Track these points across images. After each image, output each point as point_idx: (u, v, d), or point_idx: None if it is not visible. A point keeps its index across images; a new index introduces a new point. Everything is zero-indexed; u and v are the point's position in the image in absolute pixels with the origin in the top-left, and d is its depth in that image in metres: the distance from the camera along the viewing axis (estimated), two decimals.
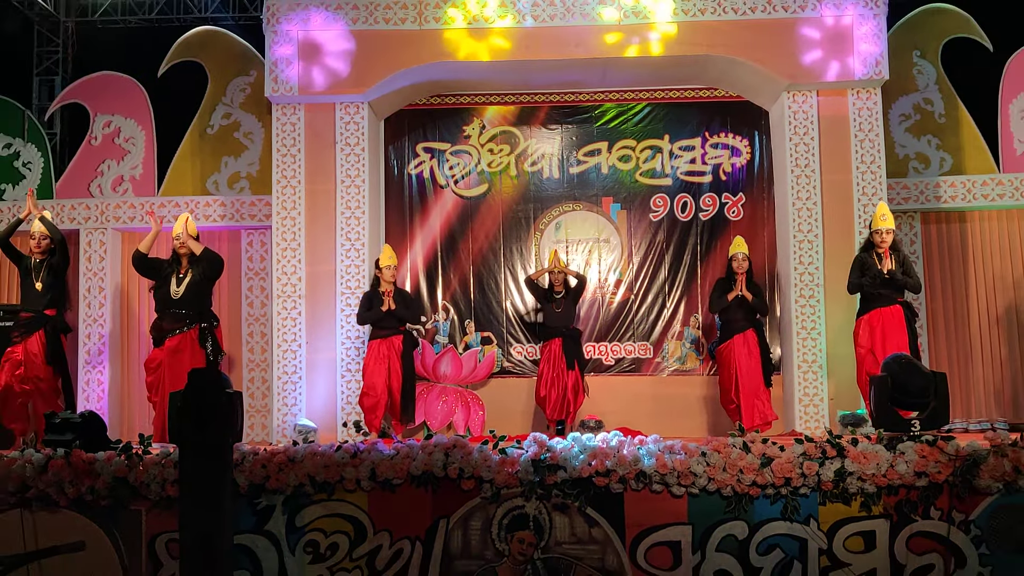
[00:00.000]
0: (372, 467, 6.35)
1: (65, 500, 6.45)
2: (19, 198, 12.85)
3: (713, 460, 6.27)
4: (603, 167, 12.85)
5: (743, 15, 11.71)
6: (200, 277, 9.75)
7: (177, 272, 9.86)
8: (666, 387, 12.47)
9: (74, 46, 15.10)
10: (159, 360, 9.56)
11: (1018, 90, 12.65)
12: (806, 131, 11.83)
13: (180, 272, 9.85)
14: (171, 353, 9.46)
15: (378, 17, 11.85)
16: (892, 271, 9.86)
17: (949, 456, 6.19)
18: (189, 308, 9.68)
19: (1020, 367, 12.35)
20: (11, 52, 14.75)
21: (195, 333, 9.59)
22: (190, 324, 9.59)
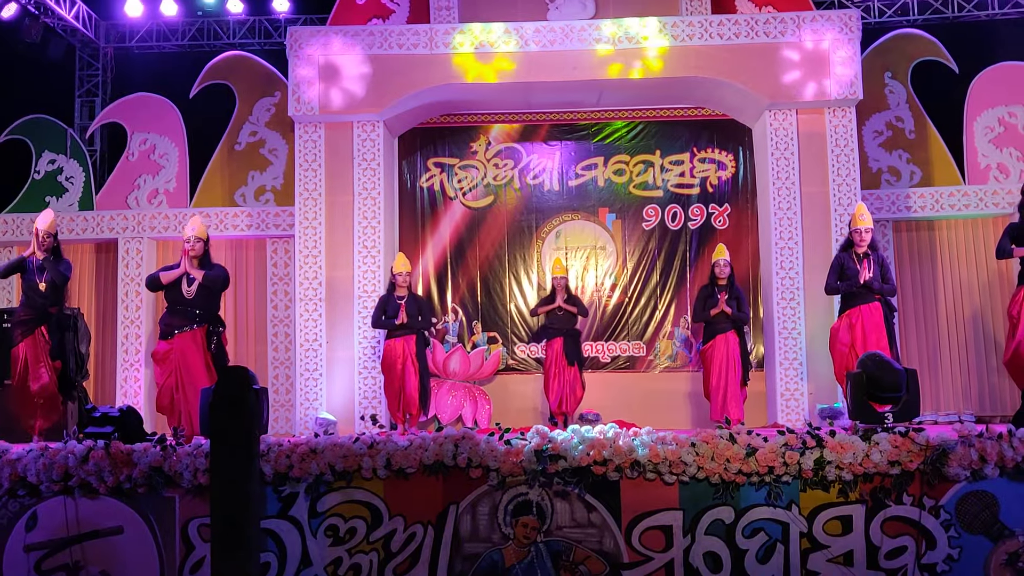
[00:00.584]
0: (388, 457, 6.33)
1: (105, 488, 6.43)
2: (62, 210, 12.85)
3: (702, 450, 6.25)
4: (599, 180, 12.86)
5: (728, 40, 11.71)
6: (208, 284, 9.52)
7: (187, 273, 9.48)
8: (658, 383, 12.48)
9: (113, 70, 15.08)
10: (166, 350, 9.27)
11: (981, 108, 12.65)
12: (786, 147, 11.82)
13: (191, 273, 9.47)
14: (179, 348, 9.23)
15: (392, 43, 11.85)
16: (869, 281, 9.79)
17: (920, 446, 6.17)
18: (199, 308, 9.37)
19: (985, 364, 12.35)
20: (55, 76, 14.74)
21: (202, 333, 9.43)
22: (199, 323, 9.34)
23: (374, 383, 11.48)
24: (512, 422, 8.75)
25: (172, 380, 9.16)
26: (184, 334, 9.27)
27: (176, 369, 9.15)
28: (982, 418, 11.50)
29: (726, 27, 11.76)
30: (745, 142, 12.71)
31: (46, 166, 13.14)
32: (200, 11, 14.78)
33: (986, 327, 12.41)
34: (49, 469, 6.46)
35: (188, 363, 9.12)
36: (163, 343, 9.34)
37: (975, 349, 12.38)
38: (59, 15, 13.91)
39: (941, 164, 12.62)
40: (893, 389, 7.61)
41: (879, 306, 9.89)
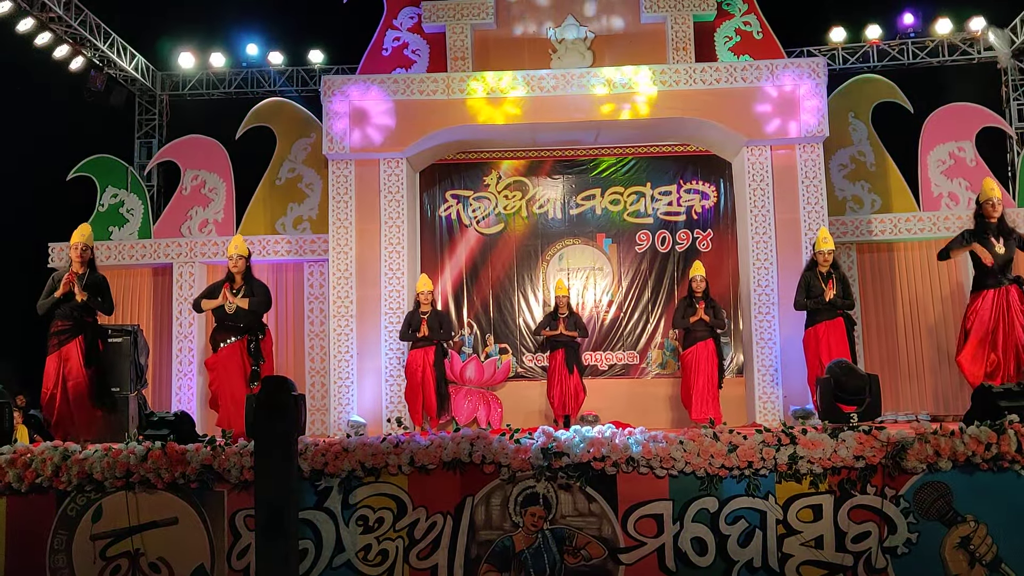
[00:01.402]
0: (411, 455, 6.33)
1: (161, 483, 6.44)
2: (123, 238, 12.91)
3: (689, 447, 6.24)
4: (597, 209, 12.87)
5: (710, 85, 11.73)
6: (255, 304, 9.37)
7: (232, 288, 9.38)
8: (650, 387, 12.47)
9: (168, 114, 15.18)
10: (213, 363, 9.34)
11: (934, 144, 12.65)
12: (762, 179, 11.83)
13: (234, 289, 9.37)
14: (224, 359, 9.24)
15: (414, 89, 11.89)
16: (833, 299, 9.84)
17: (882, 443, 6.15)
18: (241, 322, 9.30)
19: (939, 369, 12.33)
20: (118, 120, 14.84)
21: (244, 342, 9.30)
22: (240, 335, 9.28)
23: (399, 389, 11.48)
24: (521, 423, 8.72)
25: (217, 387, 9.26)
26: (228, 347, 9.27)
27: (222, 378, 9.20)
28: (937, 417, 11.45)
29: (708, 73, 11.78)
30: (726, 175, 12.72)
31: (109, 200, 13.19)
32: (245, 62, 14.88)
33: (939, 336, 12.38)
34: (113, 467, 6.47)
35: (229, 374, 9.14)
36: (212, 357, 9.39)
37: (930, 356, 12.35)
38: (121, 67, 14.01)
39: (899, 193, 12.62)
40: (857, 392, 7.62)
41: (842, 321, 9.92)
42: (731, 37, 12.53)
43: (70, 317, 8.74)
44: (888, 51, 14.44)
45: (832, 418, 7.22)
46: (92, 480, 6.51)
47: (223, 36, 14.99)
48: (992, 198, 9.02)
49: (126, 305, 12.92)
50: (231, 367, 9.17)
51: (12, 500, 6.56)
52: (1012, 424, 6.20)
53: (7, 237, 14.82)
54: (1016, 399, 6.58)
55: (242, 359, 9.27)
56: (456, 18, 12.44)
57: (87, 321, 8.86)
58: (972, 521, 6.10)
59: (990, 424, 6.22)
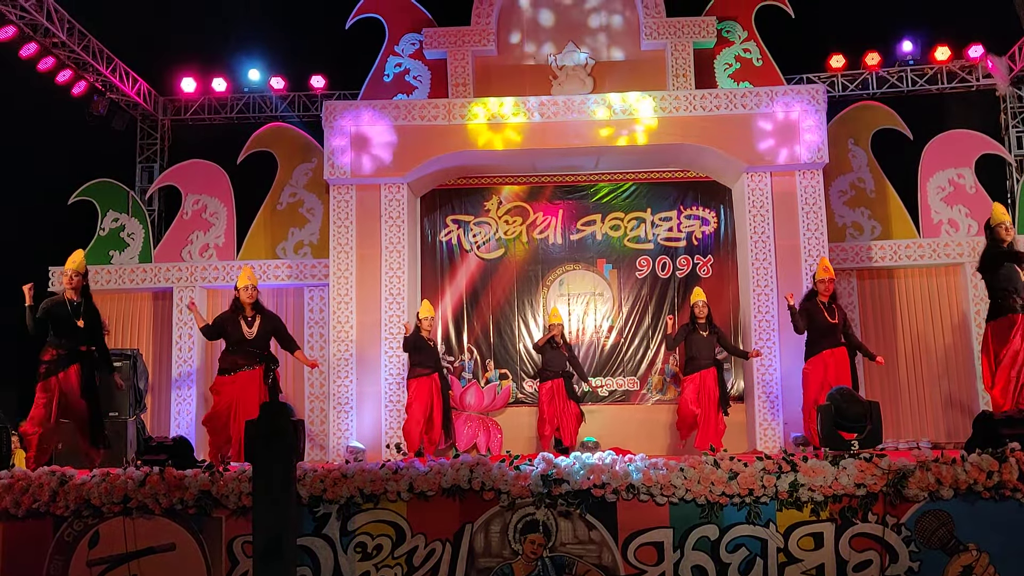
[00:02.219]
0: (410, 481, 6.31)
1: (159, 509, 6.41)
2: (124, 262, 12.92)
3: (690, 474, 6.21)
4: (598, 234, 12.87)
5: (710, 112, 11.76)
6: (269, 326, 9.46)
7: (244, 316, 9.36)
8: (650, 414, 12.42)
9: (170, 139, 15.17)
10: (226, 385, 9.17)
11: (934, 170, 12.69)
12: (762, 205, 11.83)
13: (248, 316, 9.36)
14: (243, 382, 9.13)
15: (415, 115, 11.92)
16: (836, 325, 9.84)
17: (883, 470, 6.13)
18: (260, 348, 9.31)
19: (939, 396, 12.31)
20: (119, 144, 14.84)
21: (262, 370, 9.34)
22: (259, 362, 9.26)
23: (399, 415, 11.44)
24: (521, 449, 8.74)
25: (227, 409, 9.05)
26: (245, 372, 9.18)
27: (234, 402, 9.03)
28: (938, 445, 11.43)
29: (708, 100, 11.82)
30: (726, 200, 12.72)
31: (110, 224, 13.21)
32: (246, 88, 14.89)
33: (939, 363, 12.37)
34: (110, 492, 6.44)
35: (247, 397, 8.98)
36: (224, 378, 9.21)
37: (930, 383, 12.33)
38: (123, 91, 14.03)
39: (899, 220, 12.64)
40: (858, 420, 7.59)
41: (844, 349, 9.87)
42: (731, 64, 12.58)
43: (69, 345, 8.52)
44: (887, 78, 14.47)
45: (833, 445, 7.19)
46: (89, 505, 6.48)
47: (225, 61, 15.02)
48: (1004, 222, 8.91)
49: (126, 329, 12.92)
50: (249, 392, 9.05)
51: (9, 525, 6.53)
52: (1014, 452, 6.18)
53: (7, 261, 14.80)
54: (1018, 427, 6.57)
55: (259, 388, 9.19)
56: (457, 45, 12.49)
57: (82, 351, 8.60)
58: (974, 550, 6.07)
59: (992, 452, 6.20)
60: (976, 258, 11.84)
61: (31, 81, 12.88)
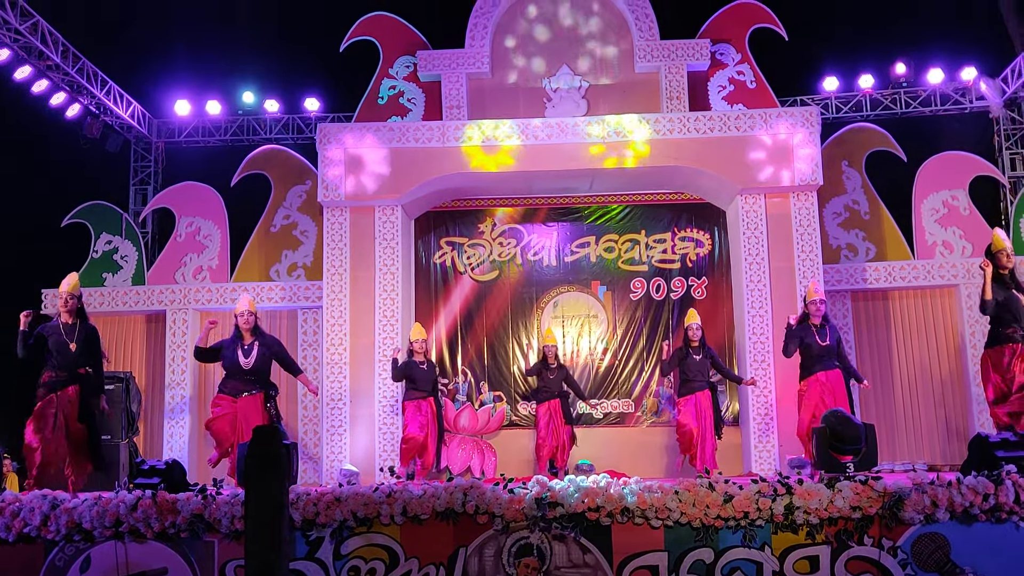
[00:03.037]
0: (404, 505, 6.29)
1: (151, 533, 6.39)
2: (117, 285, 12.92)
3: (685, 497, 6.21)
4: (592, 256, 12.87)
5: (704, 134, 11.79)
6: (268, 354, 9.40)
7: (241, 344, 9.35)
8: (645, 436, 12.39)
9: (163, 162, 15.20)
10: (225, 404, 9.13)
11: (928, 192, 12.72)
12: (756, 227, 11.85)
13: (244, 344, 9.34)
14: (242, 409, 9.09)
15: (409, 137, 11.94)
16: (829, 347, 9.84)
17: (878, 493, 6.12)
18: (258, 376, 9.28)
19: (935, 417, 12.30)
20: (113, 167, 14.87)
21: (262, 397, 9.32)
22: (259, 389, 9.23)
23: (393, 438, 11.42)
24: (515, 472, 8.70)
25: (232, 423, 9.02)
26: (247, 398, 9.17)
27: (235, 418, 9.02)
28: (934, 467, 11.44)
29: (702, 122, 11.85)
30: (720, 223, 12.74)
31: (103, 246, 13.20)
32: (240, 110, 14.94)
33: (935, 385, 12.37)
34: (102, 516, 6.42)
35: (249, 420, 8.91)
36: (225, 397, 9.20)
37: (926, 405, 12.33)
38: (117, 114, 14.07)
39: (893, 242, 12.66)
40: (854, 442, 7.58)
41: (839, 371, 9.87)
42: (724, 86, 12.64)
43: (64, 368, 8.49)
44: (881, 100, 14.55)
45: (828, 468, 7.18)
46: (81, 529, 6.46)
47: (219, 84, 15.08)
48: (1005, 248, 8.95)
49: (118, 352, 12.89)
50: (251, 416, 9.00)
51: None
52: (1010, 475, 6.18)
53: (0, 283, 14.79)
54: (1013, 449, 6.56)
55: (261, 411, 9.18)
56: (452, 67, 12.53)
57: (80, 374, 8.57)
58: (970, 573, 6.06)
59: (988, 474, 6.20)
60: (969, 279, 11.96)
61: (25, 104, 12.90)
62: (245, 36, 16.57)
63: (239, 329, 9.41)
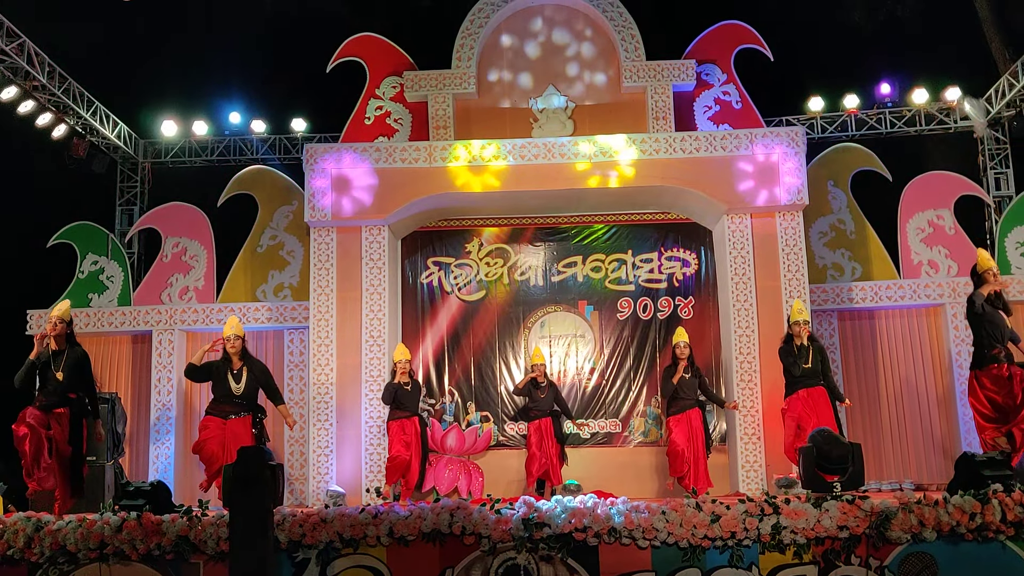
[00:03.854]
0: (390, 526, 6.27)
1: (136, 555, 6.35)
2: (103, 305, 12.89)
3: (672, 518, 6.20)
4: (579, 276, 12.87)
5: (690, 154, 11.83)
6: (256, 379, 9.48)
7: (231, 368, 9.43)
8: (633, 456, 12.37)
9: (150, 182, 15.17)
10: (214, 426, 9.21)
11: (913, 212, 12.78)
12: (743, 246, 11.88)
13: (234, 368, 9.43)
14: (231, 431, 9.16)
15: (396, 157, 11.95)
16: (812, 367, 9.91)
17: (865, 512, 6.12)
18: (247, 400, 9.40)
19: (922, 436, 12.33)
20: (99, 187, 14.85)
21: (250, 419, 9.36)
22: (247, 412, 9.35)
23: (379, 459, 11.39)
24: (502, 493, 8.70)
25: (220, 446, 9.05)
26: (235, 419, 9.27)
27: (226, 442, 9.05)
28: (920, 486, 11.43)
29: (688, 142, 11.89)
30: (706, 242, 12.76)
31: (89, 266, 13.17)
32: (227, 131, 14.94)
33: (921, 404, 12.40)
34: (86, 538, 6.38)
35: (238, 442, 8.88)
36: (215, 418, 9.28)
37: (912, 424, 12.35)
38: (103, 134, 14.05)
39: (879, 261, 12.71)
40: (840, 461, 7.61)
41: (823, 389, 9.92)
42: (711, 106, 12.69)
43: (53, 394, 8.48)
44: (866, 120, 14.63)
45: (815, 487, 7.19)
46: (65, 552, 6.42)
47: (206, 104, 15.09)
48: (991, 268, 8.99)
49: (104, 373, 12.84)
50: (241, 438, 9.04)
51: None
52: (996, 494, 6.19)
53: None
54: (1000, 468, 6.57)
55: (249, 435, 9.26)
56: (438, 88, 12.56)
57: (70, 398, 8.58)
58: None
59: (974, 494, 6.20)
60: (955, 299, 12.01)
61: (11, 124, 12.88)
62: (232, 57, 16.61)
63: (227, 353, 9.41)
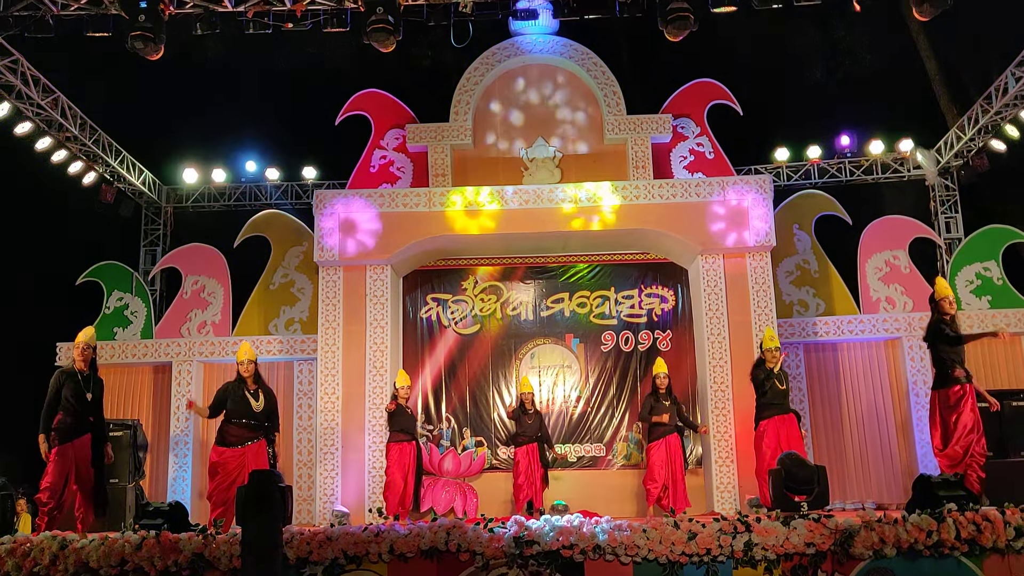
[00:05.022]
0: (391, 543, 6.21)
1: (155, 572, 6.26)
2: (127, 338, 12.84)
3: (652, 535, 6.15)
4: (566, 311, 12.86)
5: (667, 200, 11.87)
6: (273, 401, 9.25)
7: (247, 389, 9.08)
8: (616, 479, 12.30)
9: (172, 224, 15.14)
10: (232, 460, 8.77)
11: (871, 252, 12.81)
12: (716, 284, 11.89)
13: (250, 389, 9.09)
14: (253, 454, 8.80)
15: (398, 202, 11.96)
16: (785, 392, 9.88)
17: (830, 530, 6.08)
18: (265, 421, 9.04)
19: (883, 459, 12.28)
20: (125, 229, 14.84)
21: (264, 444, 9.01)
22: (264, 434, 9.00)
23: (382, 481, 11.30)
24: (495, 513, 8.63)
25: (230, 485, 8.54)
26: (252, 445, 8.88)
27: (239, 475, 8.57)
28: (881, 506, 11.40)
29: (665, 189, 11.93)
30: (683, 280, 12.76)
31: (115, 302, 13.13)
32: (243, 178, 14.94)
33: (882, 430, 12.36)
34: (108, 556, 6.30)
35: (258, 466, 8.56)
36: (231, 450, 8.85)
37: (874, 448, 12.29)
38: (130, 181, 14.05)
39: (841, 298, 12.72)
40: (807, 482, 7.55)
41: (793, 416, 9.88)
42: (686, 156, 12.75)
43: (78, 416, 8.26)
44: (828, 169, 14.69)
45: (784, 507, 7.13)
46: (88, 569, 6.33)
47: (224, 154, 15.09)
48: (948, 296, 8.83)
49: (127, 401, 12.78)
50: (259, 462, 8.75)
51: None
52: (951, 512, 6.16)
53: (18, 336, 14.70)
54: (953, 489, 6.54)
55: (265, 455, 8.92)
56: (437, 139, 12.60)
57: (91, 421, 8.38)
58: None
59: (930, 512, 6.17)
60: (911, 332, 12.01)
61: (45, 171, 12.89)
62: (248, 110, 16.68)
63: (241, 375, 9.23)
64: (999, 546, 6.08)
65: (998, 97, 12.47)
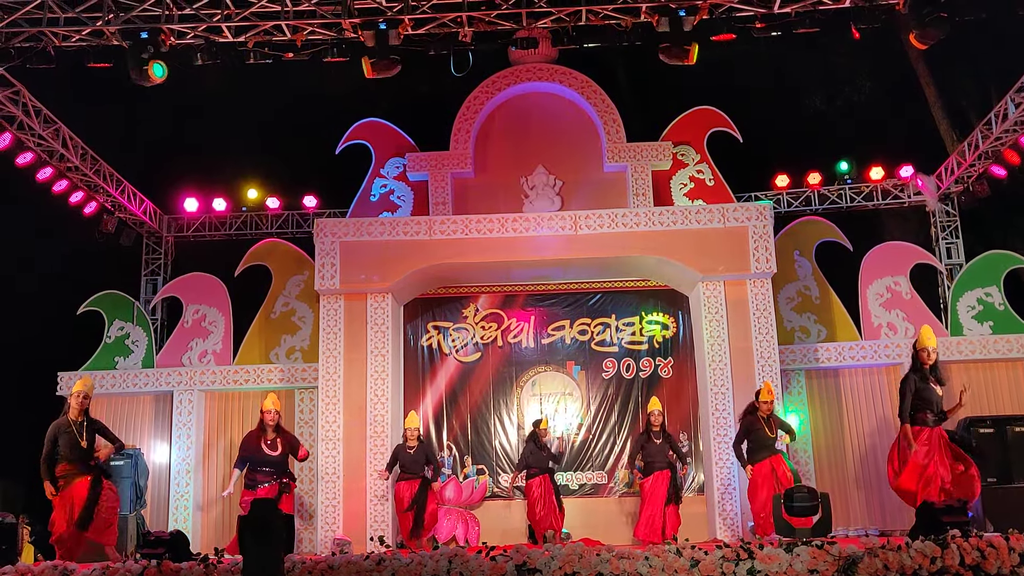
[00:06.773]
0: (393, 572, 6.20)
1: None
2: (128, 368, 12.85)
3: (654, 563, 6.14)
4: (567, 339, 12.88)
5: (667, 227, 11.90)
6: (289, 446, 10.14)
7: (265, 438, 10.01)
8: (618, 506, 12.31)
9: (173, 254, 15.15)
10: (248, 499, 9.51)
11: (872, 279, 12.84)
12: (717, 311, 11.90)
13: (268, 439, 10.01)
14: None
15: (399, 231, 12.01)
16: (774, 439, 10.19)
17: (834, 557, 6.08)
18: (279, 468, 9.97)
19: (885, 486, 12.17)
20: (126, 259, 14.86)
21: (276, 488, 9.84)
22: (277, 479, 9.88)
23: (383, 509, 11.29)
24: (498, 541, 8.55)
25: None
26: (265, 488, 9.77)
27: None
28: (885, 532, 11.36)
29: (666, 216, 11.98)
30: (684, 307, 12.78)
31: (116, 332, 13.15)
32: (244, 207, 14.98)
33: (883, 454, 12.30)
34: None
35: None
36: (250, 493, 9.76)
37: (875, 473, 12.25)
38: (131, 211, 14.09)
39: (842, 324, 12.74)
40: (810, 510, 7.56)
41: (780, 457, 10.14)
42: (686, 183, 12.82)
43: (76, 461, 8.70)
44: (828, 195, 14.73)
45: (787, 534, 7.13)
46: None
47: (225, 183, 15.14)
48: (928, 347, 9.15)
49: (129, 429, 12.76)
50: None
51: None
52: (955, 539, 6.16)
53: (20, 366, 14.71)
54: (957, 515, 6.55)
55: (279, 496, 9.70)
56: (438, 168, 12.68)
57: (91, 464, 8.80)
58: None
59: (934, 539, 6.17)
60: None
61: (47, 201, 12.94)
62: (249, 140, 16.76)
63: (263, 424, 9.99)
64: (1003, 572, 6.09)
65: (998, 123, 12.53)
